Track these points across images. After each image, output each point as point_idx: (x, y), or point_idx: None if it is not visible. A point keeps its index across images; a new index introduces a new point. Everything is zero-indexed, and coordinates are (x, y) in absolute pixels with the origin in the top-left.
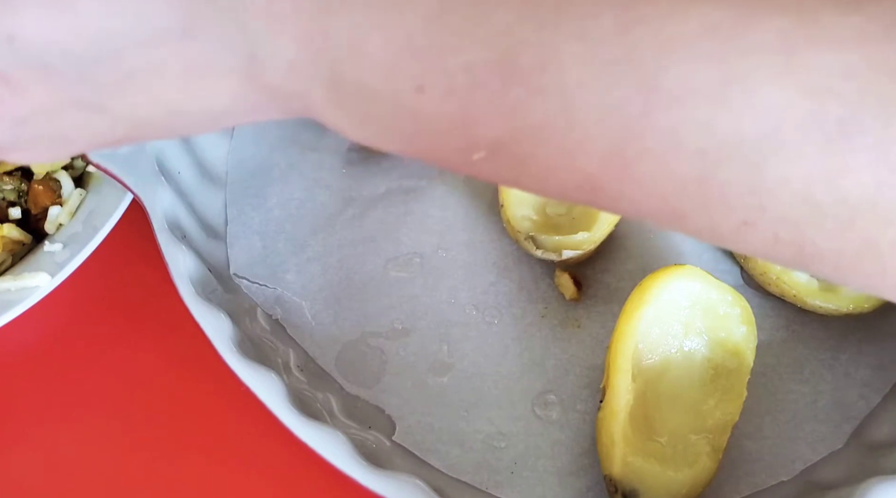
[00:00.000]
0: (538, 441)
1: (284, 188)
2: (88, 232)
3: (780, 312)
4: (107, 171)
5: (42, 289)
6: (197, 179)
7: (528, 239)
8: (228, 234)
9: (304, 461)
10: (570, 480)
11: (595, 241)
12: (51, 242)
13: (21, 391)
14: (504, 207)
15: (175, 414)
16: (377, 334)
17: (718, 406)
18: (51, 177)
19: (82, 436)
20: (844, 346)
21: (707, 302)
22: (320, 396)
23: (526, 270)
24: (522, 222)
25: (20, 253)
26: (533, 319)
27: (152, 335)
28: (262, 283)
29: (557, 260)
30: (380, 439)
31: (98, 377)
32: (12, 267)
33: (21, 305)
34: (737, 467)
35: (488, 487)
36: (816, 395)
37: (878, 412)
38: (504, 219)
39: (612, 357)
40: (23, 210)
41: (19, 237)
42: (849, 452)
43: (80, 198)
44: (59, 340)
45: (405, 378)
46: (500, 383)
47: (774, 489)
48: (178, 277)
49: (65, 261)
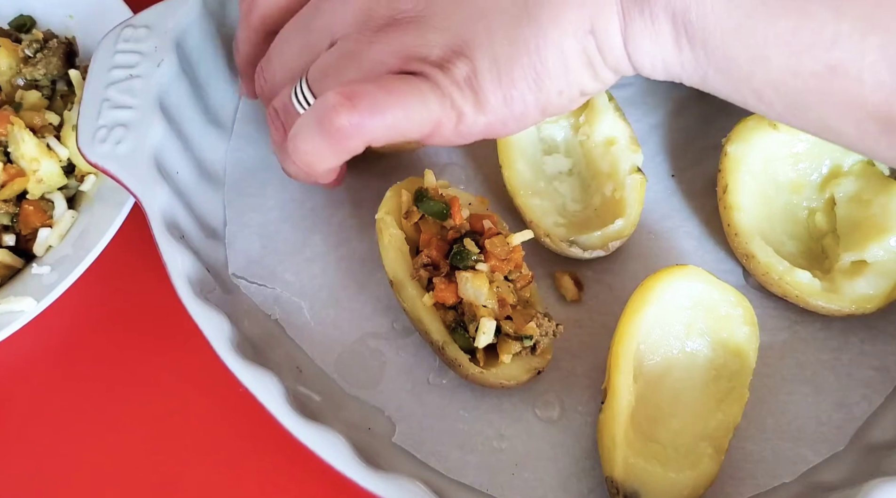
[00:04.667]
0: (539, 443)
1: (283, 188)
2: (79, 254)
3: (782, 312)
4: (105, 171)
5: (27, 313)
6: (196, 179)
7: (570, 244)
8: (227, 235)
9: (303, 463)
10: (571, 482)
11: (633, 223)
12: (39, 265)
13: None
14: (534, 223)
15: (174, 415)
16: (377, 335)
17: (720, 407)
18: (43, 197)
19: (82, 437)
20: (847, 347)
21: (709, 303)
22: (319, 398)
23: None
24: (558, 230)
25: (7, 275)
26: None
27: (152, 336)
28: (260, 283)
29: (605, 255)
30: (379, 441)
31: (98, 379)
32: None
33: (6, 329)
34: (739, 469)
35: (489, 488)
36: (818, 396)
37: (881, 413)
38: (543, 234)
39: (614, 358)
40: (14, 233)
41: (10, 262)
42: (851, 453)
43: (71, 220)
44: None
45: (405, 379)
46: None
47: (776, 491)
48: (177, 277)
49: (52, 284)
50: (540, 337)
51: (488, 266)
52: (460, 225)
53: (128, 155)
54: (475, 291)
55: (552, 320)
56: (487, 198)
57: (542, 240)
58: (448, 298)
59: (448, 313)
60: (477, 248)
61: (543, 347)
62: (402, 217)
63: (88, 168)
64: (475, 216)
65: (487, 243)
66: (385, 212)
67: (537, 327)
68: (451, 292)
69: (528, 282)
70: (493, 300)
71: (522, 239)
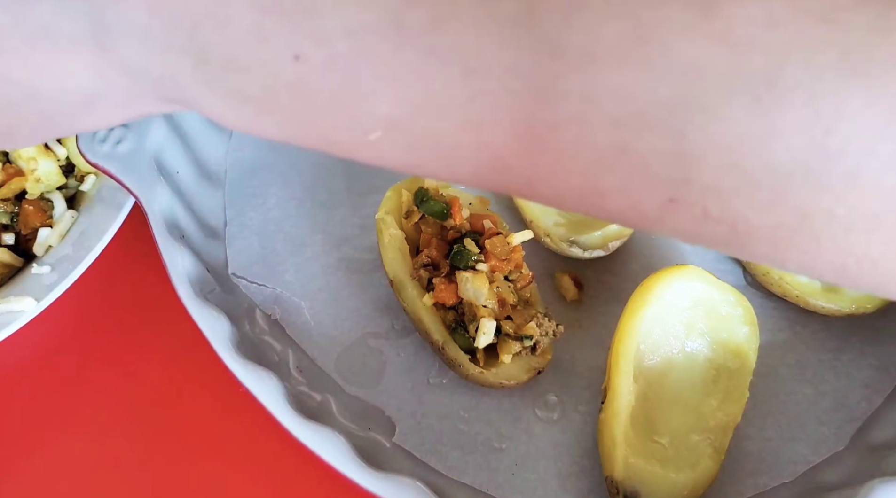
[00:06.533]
0: (539, 442)
1: (283, 188)
2: (79, 254)
3: (782, 312)
4: (105, 171)
5: (27, 313)
6: (196, 179)
7: (570, 244)
8: (227, 234)
9: (303, 463)
10: (571, 482)
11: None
12: (39, 265)
13: (20, 397)
14: (534, 223)
15: (173, 415)
16: (377, 335)
17: (720, 407)
18: (43, 197)
19: (82, 436)
20: (847, 347)
21: (709, 302)
22: (319, 397)
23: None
24: (557, 230)
25: (7, 274)
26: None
27: (152, 335)
28: (260, 283)
29: (605, 255)
30: (379, 441)
31: (98, 378)
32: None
33: (6, 329)
34: (739, 469)
35: (489, 488)
36: (818, 396)
37: (881, 413)
38: (543, 234)
39: (614, 358)
40: (14, 232)
41: (10, 261)
42: (851, 453)
43: (71, 220)
44: (60, 343)
45: (405, 379)
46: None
47: (776, 491)
48: (177, 277)
49: (52, 284)
50: (540, 337)
51: (488, 266)
52: (460, 225)
53: (128, 155)
54: (475, 291)
55: (552, 320)
56: (488, 198)
57: (542, 240)
58: (448, 298)
59: (448, 313)
60: (477, 248)
61: (543, 347)
62: (403, 217)
63: (88, 168)
64: (475, 216)
65: (487, 243)
66: (385, 212)
67: (537, 327)
68: (451, 292)
69: (528, 282)
70: (493, 300)
71: (522, 239)
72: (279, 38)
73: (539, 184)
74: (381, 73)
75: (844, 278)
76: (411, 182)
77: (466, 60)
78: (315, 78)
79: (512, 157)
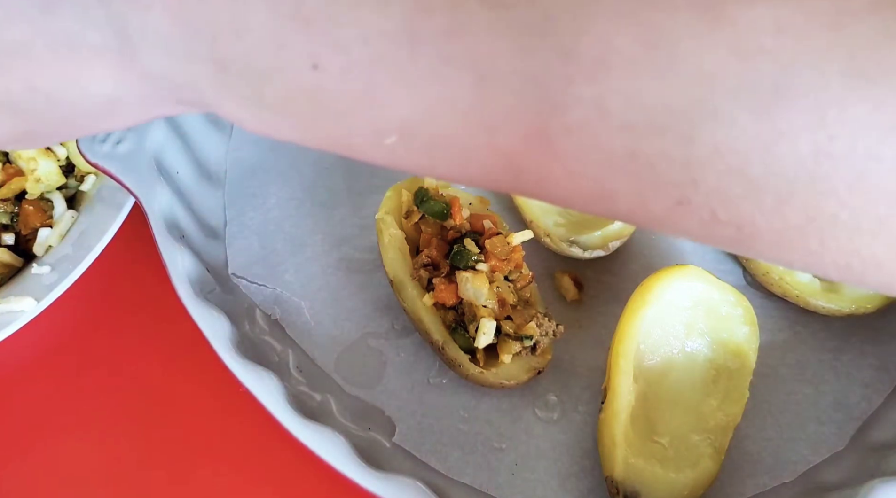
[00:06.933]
0: (539, 442)
1: (283, 188)
2: (79, 254)
3: (782, 312)
4: (105, 171)
5: (27, 313)
6: (196, 179)
7: (570, 244)
8: (227, 234)
9: (303, 463)
10: (571, 482)
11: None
12: (39, 265)
13: (20, 397)
14: (534, 223)
15: (173, 415)
16: (377, 335)
17: (720, 407)
18: (43, 197)
19: (82, 436)
20: (847, 347)
21: (709, 302)
22: (319, 397)
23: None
24: (558, 230)
25: (7, 274)
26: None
27: (152, 336)
28: (260, 283)
29: (605, 255)
30: (379, 441)
31: (98, 378)
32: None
33: (6, 329)
34: (738, 469)
35: (489, 488)
36: (818, 396)
37: (881, 413)
38: (543, 234)
39: (614, 358)
40: (14, 232)
41: (10, 261)
42: (851, 453)
43: (71, 220)
44: (60, 343)
45: (405, 379)
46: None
47: (776, 491)
48: (177, 277)
49: (52, 284)
50: (540, 337)
51: (488, 266)
52: (460, 225)
53: (128, 155)
54: (475, 291)
55: (552, 320)
56: (488, 198)
57: (542, 240)
58: (448, 298)
59: (448, 313)
60: (477, 248)
61: (543, 347)
62: (403, 217)
63: (88, 168)
64: (475, 216)
65: (487, 243)
66: (385, 212)
67: (537, 327)
68: (451, 292)
69: (528, 282)
70: (493, 300)
71: (522, 239)
72: (298, 47)
73: (550, 185)
74: (396, 81)
75: (850, 277)
76: (411, 182)
77: (480, 67)
78: (333, 85)
79: (524, 160)
